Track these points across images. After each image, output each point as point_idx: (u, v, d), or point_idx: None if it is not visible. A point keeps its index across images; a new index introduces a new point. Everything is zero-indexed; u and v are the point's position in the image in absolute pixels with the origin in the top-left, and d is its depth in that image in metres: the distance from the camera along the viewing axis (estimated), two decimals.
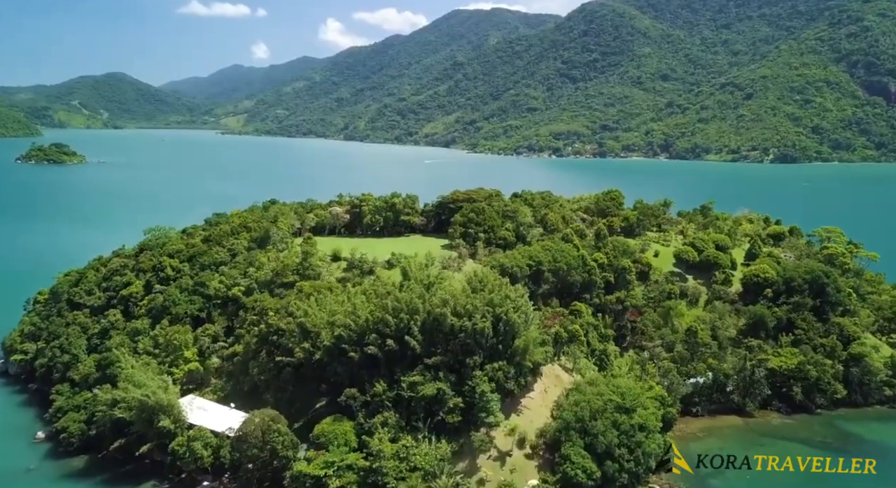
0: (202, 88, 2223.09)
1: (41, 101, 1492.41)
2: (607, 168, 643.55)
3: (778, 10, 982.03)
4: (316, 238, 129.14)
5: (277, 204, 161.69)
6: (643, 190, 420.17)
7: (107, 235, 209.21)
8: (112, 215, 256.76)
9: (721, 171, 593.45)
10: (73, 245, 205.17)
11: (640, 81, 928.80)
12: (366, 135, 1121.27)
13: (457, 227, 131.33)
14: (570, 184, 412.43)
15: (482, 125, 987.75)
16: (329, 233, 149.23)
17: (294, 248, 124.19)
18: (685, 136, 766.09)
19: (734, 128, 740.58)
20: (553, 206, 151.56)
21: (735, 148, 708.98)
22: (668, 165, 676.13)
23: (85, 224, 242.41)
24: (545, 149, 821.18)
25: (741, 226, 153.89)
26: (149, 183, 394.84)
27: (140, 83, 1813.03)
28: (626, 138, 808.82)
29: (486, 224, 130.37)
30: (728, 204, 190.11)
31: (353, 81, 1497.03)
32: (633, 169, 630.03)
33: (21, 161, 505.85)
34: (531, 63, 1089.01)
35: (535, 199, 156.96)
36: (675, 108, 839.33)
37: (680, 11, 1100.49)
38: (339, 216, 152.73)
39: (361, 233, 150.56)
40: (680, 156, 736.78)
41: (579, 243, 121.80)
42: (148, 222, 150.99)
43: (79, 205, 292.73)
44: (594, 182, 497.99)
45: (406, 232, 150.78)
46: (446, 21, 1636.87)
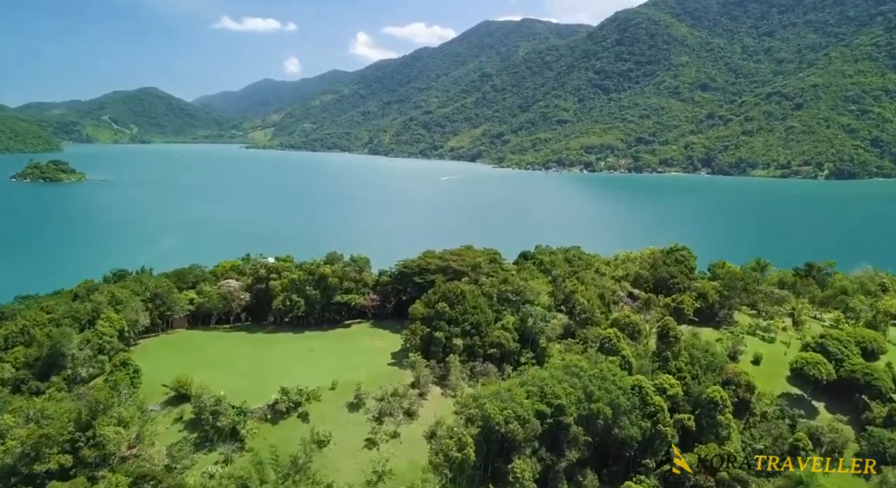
0: (233, 102, 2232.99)
1: (72, 115, 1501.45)
2: (645, 185, 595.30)
3: (825, 16, 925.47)
4: (192, 332, 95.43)
5: (128, 278, 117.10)
6: (697, 217, 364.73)
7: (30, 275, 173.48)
8: (58, 250, 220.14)
9: (777, 190, 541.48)
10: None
11: (678, 91, 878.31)
12: (390, 149, 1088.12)
13: (416, 328, 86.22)
14: (609, 215, 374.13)
15: (510, 138, 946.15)
16: (220, 323, 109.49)
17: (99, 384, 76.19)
18: (728, 150, 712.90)
19: (783, 141, 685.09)
20: (585, 276, 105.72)
21: (785, 162, 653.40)
22: (712, 182, 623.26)
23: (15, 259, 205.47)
24: (576, 163, 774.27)
25: (881, 301, 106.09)
26: (131, 206, 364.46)
27: (170, 97, 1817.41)
28: (663, 152, 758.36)
29: (469, 318, 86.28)
30: (825, 244, 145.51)
31: (381, 94, 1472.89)
32: (674, 186, 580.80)
33: (16, 179, 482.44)
34: (562, 74, 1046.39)
35: (557, 263, 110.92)
36: (717, 120, 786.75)
37: (719, 19, 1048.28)
38: (234, 294, 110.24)
39: (274, 323, 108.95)
40: (723, 171, 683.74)
41: (631, 354, 77.66)
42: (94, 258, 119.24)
43: (23, 235, 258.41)
44: (633, 202, 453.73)
45: (345, 319, 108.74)
46: (475, 33, 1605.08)
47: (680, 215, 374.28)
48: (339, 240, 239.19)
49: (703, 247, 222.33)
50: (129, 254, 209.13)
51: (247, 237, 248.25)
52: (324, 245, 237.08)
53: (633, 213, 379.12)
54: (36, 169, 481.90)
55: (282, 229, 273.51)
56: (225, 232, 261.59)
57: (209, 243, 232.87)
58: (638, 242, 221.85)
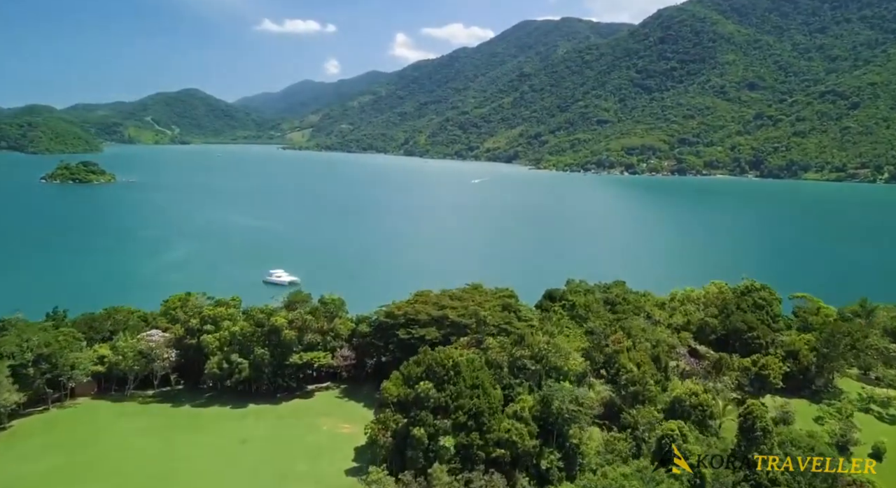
0: (273, 103, 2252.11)
1: (115, 117, 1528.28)
2: (692, 189, 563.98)
3: (881, 11, 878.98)
4: (99, 403, 75.30)
5: (9, 331, 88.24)
6: (760, 230, 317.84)
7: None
8: (55, 258, 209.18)
9: (838, 195, 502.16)
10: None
11: (724, 91, 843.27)
12: (425, 151, 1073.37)
13: (386, 419, 62.39)
14: (656, 228, 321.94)
15: (547, 139, 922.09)
16: (145, 386, 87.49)
17: None
18: (778, 152, 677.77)
19: (838, 143, 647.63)
20: (633, 327, 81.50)
21: (840, 165, 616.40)
22: (763, 186, 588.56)
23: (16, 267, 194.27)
24: (616, 165, 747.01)
25: None
26: (151, 210, 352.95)
27: (212, 99, 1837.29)
28: (708, 153, 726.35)
29: (466, 404, 61.07)
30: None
31: (418, 95, 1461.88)
32: (723, 190, 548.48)
33: (46, 180, 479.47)
34: (602, 73, 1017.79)
35: (594, 308, 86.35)
36: (766, 120, 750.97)
37: (768, 15, 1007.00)
38: (156, 352, 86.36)
39: (214, 388, 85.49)
40: (773, 174, 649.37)
41: (702, 456, 57.81)
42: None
43: (21, 241, 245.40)
44: (683, 210, 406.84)
45: (309, 382, 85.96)
46: (514, 32, 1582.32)
47: (739, 227, 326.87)
48: (342, 256, 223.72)
49: (775, 271, 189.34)
50: (132, 264, 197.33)
51: (261, 247, 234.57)
52: (329, 257, 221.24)
53: (685, 226, 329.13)
54: (65, 170, 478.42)
55: (298, 240, 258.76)
56: (241, 241, 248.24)
57: (222, 254, 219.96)
58: (696, 270, 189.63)
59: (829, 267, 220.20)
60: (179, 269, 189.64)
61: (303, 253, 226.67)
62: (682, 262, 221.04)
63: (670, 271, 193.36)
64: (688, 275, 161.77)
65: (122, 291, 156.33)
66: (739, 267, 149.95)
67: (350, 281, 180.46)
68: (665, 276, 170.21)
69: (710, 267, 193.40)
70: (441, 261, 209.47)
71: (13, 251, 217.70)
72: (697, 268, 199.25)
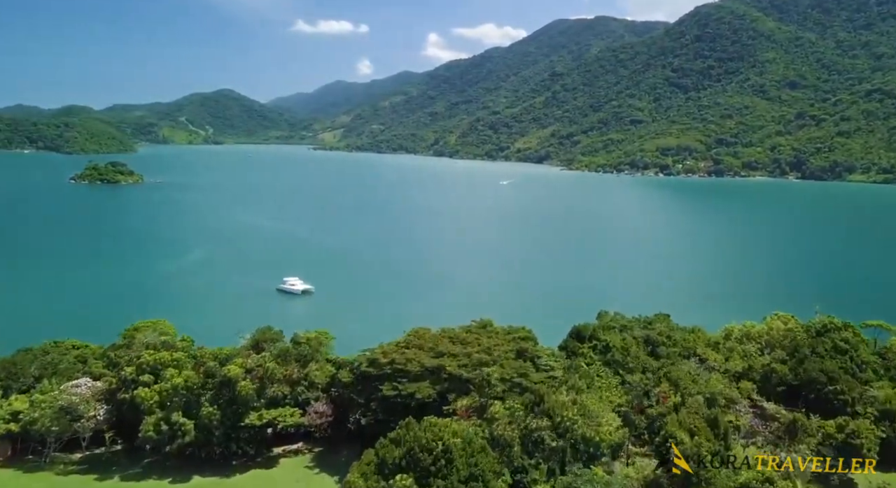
0: (306, 104, 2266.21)
1: (151, 117, 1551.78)
2: (731, 191, 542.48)
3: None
4: (5, 472, 59.42)
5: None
6: (817, 240, 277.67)
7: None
8: (64, 261, 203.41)
9: (890, 199, 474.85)
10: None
11: (763, 90, 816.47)
12: (455, 151, 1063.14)
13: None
14: (699, 238, 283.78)
15: (580, 139, 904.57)
16: (72, 447, 69.71)
17: None
18: (821, 152, 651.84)
19: (885, 143, 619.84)
20: (681, 377, 64.12)
21: (888, 166, 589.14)
22: (807, 188, 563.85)
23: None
24: (651, 166, 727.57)
25: None
26: (173, 211, 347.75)
27: (245, 99, 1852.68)
28: (746, 154, 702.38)
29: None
30: None
31: (449, 95, 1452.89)
32: (765, 192, 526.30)
33: (74, 181, 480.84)
34: (636, 72, 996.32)
35: (633, 351, 69.34)
36: (808, 120, 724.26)
37: (809, 12, 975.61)
38: (81, 408, 67.56)
39: (155, 451, 68.16)
40: (815, 175, 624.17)
41: None
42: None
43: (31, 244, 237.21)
44: (726, 216, 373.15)
45: (275, 443, 69.41)
46: (547, 32, 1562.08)
47: (792, 237, 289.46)
48: (358, 262, 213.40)
49: (838, 290, 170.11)
50: (143, 269, 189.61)
51: (279, 251, 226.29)
52: (345, 263, 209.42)
53: (732, 237, 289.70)
54: (94, 170, 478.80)
55: (317, 243, 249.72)
56: (259, 244, 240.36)
57: (238, 258, 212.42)
58: (752, 296, 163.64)
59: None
60: (188, 276, 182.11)
61: (320, 257, 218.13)
62: (733, 286, 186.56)
63: (721, 298, 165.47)
64: (743, 304, 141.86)
65: (110, 305, 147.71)
66: (802, 291, 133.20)
67: (362, 290, 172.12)
68: (715, 305, 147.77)
69: (768, 291, 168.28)
70: (454, 276, 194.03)
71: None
72: (752, 292, 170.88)
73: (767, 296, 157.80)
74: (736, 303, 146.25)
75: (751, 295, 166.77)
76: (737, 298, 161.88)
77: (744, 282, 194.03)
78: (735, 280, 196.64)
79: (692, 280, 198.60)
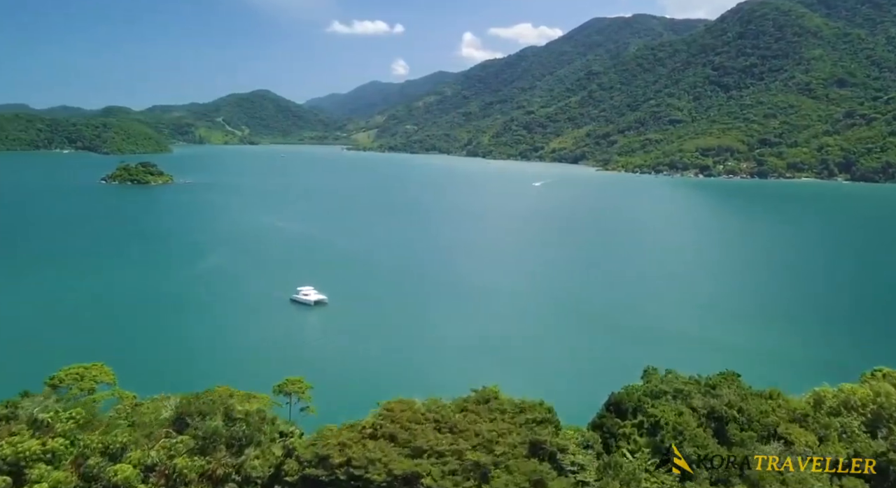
0: (341, 104, 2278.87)
1: (188, 118, 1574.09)
2: (779, 195, 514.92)
3: None
4: None
5: None
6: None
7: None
8: (77, 264, 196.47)
9: None
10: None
11: (810, 88, 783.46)
12: (488, 151, 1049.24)
13: None
14: (757, 255, 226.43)
15: (616, 139, 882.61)
16: None
17: None
18: (872, 153, 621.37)
19: None
20: (762, 476, 43.33)
21: None
22: (858, 191, 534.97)
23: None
24: (690, 166, 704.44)
25: None
26: (197, 212, 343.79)
27: (281, 100, 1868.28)
28: (792, 155, 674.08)
29: None
30: None
31: (484, 95, 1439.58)
32: (816, 196, 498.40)
33: (105, 181, 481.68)
34: (676, 70, 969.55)
35: (692, 431, 47.77)
36: (857, 119, 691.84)
37: (859, 7, 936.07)
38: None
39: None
40: (866, 177, 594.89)
41: None
42: None
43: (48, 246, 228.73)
44: (779, 225, 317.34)
45: None
46: (583, 30, 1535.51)
47: (872, 250, 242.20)
48: (376, 270, 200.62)
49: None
50: (152, 278, 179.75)
51: (299, 256, 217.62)
52: (363, 271, 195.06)
53: (796, 254, 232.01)
54: (124, 171, 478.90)
55: (337, 248, 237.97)
56: (279, 248, 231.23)
57: (255, 263, 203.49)
58: (841, 341, 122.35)
59: None
60: (200, 285, 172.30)
61: (340, 263, 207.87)
62: (811, 319, 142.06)
63: (796, 338, 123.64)
64: (832, 354, 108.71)
65: (101, 322, 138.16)
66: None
67: (375, 302, 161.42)
68: (795, 356, 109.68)
69: (864, 334, 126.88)
70: (469, 294, 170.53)
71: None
72: (842, 336, 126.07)
73: (862, 337, 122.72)
74: (817, 348, 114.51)
75: (837, 337, 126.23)
76: (817, 340, 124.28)
77: (824, 313, 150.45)
78: (812, 310, 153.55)
79: (759, 315, 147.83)
